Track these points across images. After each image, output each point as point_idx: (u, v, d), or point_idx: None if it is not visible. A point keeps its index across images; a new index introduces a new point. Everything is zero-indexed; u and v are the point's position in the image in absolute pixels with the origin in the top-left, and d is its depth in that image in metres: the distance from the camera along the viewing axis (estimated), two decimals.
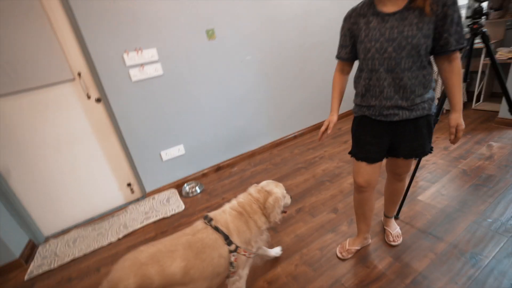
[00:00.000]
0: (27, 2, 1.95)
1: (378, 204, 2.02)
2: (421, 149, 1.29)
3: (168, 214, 2.44)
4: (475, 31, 1.55)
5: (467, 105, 3.56)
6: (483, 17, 1.52)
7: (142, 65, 2.42)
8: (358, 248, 1.69)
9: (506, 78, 2.84)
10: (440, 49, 1.10)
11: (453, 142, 1.23)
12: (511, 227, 1.65)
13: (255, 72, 3.06)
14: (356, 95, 1.33)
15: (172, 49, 2.55)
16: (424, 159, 2.56)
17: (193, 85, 2.74)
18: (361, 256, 1.65)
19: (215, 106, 2.92)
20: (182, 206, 2.53)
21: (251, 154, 3.30)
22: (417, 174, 2.34)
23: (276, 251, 1.73)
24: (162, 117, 2.66)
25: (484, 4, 1.64)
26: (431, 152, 1.32)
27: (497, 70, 1.55)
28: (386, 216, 1.78)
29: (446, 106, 3.36)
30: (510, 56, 2.71)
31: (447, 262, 1.51)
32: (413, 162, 1.49)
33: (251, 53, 2.98)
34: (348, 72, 1.41)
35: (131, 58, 2.35)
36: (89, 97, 2.34)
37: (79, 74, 2.25)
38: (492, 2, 3.19)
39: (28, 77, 2.06)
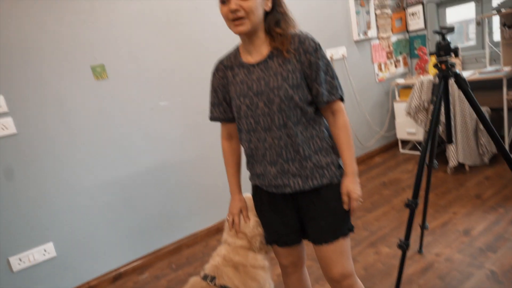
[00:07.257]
0: None
1: None
2: (333, 229, 1.00)
3: None
4: (444, 73, 1.26)
5: (498, 158, 2.48)
6: (452, 54, 1.25)
7: None
8: None
9: None
10: (316, 101, 0.97)
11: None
12: None
13: (176, 123, 2.27)
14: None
15: (33, 95, 1.83)
16: (431, 252, 1.62)
17: (72, 148, 1.95)
18: None
19: (110, 179, 2.07)
20: None
21: (175, 249, 2.28)
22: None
23: None
24: (14, 202, 1.80)
25: (449, 38, 1.27)
26: (352, 231, 1.03)
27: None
28: None
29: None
30: None
31: None
32: (346, 258, 1.04)
33: (167, 97, 2.23)
34: (238, 136, 1.14)
35: None
36: None
37: None
38: (505, 18, 2.63)
39: None
